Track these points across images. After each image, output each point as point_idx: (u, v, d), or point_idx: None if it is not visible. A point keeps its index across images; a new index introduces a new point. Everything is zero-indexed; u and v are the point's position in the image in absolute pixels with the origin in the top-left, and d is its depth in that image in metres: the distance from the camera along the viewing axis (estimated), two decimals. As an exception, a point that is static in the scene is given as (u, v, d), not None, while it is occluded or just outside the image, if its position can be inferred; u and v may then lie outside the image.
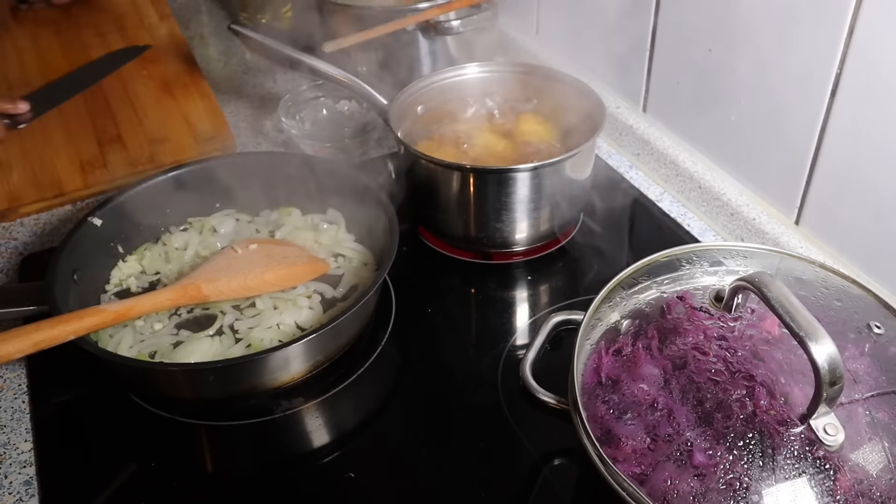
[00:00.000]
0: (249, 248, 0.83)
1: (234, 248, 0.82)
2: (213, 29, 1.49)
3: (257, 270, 0.80)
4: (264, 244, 0.84)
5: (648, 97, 1.04)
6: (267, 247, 0.84)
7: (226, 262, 0.80)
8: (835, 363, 0.49)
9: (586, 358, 0.60)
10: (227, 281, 0.78)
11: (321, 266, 0.84)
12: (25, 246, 0.96)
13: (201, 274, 0.78)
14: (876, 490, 0.50)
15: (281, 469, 0.69)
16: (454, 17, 1.10)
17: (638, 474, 0.52)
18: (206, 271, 0.79)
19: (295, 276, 0.82)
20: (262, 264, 0.81)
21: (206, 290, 0.77)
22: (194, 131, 1.12)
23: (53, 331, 0.66)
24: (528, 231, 0.88)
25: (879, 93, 0.72)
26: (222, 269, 0.79)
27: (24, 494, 0.68)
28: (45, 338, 0.66)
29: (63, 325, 0.67)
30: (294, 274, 0.82)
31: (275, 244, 0.86)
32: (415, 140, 0.91)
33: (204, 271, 0.79)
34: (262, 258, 0.82)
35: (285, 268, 0.81)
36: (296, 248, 0.85)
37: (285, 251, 0.84)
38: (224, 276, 0.78)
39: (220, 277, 0.78)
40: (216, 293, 0.77)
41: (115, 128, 1.12)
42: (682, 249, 0.66)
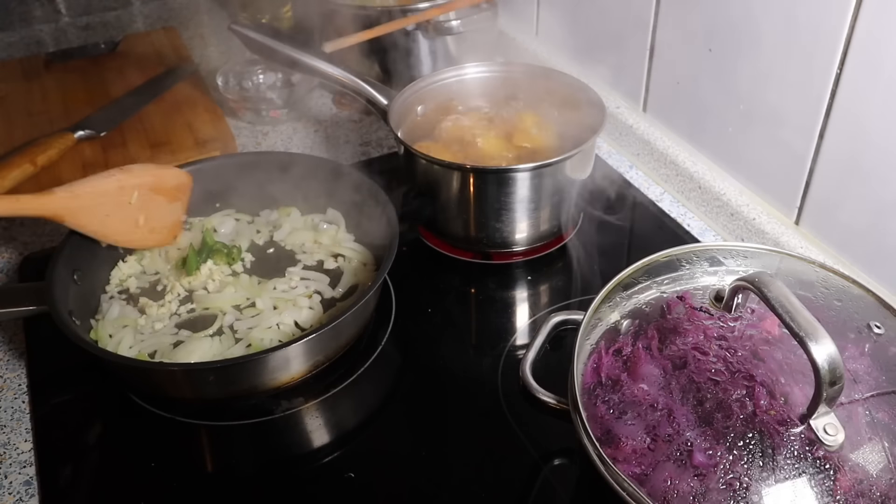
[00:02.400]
0: (129, 202, 0.82)
1: (123, 199, 0.82)
2: (213, 29, 1.49)
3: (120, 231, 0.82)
4: (146, 195, 0.84)
5: (648, 97, 1.04)
6: (147, 197, 0.84)
7: (98, 212, 0.80)
8: (835, 363, 0.49)
9: (586, 358, 0.60)
10: (90, 228, 0.79)
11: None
12: (25, 246, 0.96)
13: (71, 210, 0.77)
14: (876, 490, 0.50)
15: (281, 469, 0.69)
16: (454, 17, 1.10)
17: (638, 474, 0.52)
18: (77, 211, 0.78)
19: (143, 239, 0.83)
20: (128, 223, 0.82)
21: (69, 224, 0.77)
22: (195, 133, 1.12)
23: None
24: (528, 231, 0.88)
25: (879, 93, 0.72)
26: (92, 216, 0.80)
27: (24, 494, 0.68)
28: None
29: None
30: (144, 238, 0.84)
31: (152, 196, 0.85)
32: (415, 140, 0.91)
33: (75, 209, 0.78)
34: (133, 215, 0.83)
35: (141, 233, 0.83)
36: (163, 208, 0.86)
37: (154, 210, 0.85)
38: (91, 222, 0.79)
39: (86, 223, 0.78)
40: (74, 226, 0.78)
41: (117, 129, 1.12)
42: (682, 249, 0.66)
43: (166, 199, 0.85)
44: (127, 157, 1.07)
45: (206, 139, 1.11)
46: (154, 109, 1.17)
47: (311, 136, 1.16)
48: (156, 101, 1.19)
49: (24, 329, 0.83)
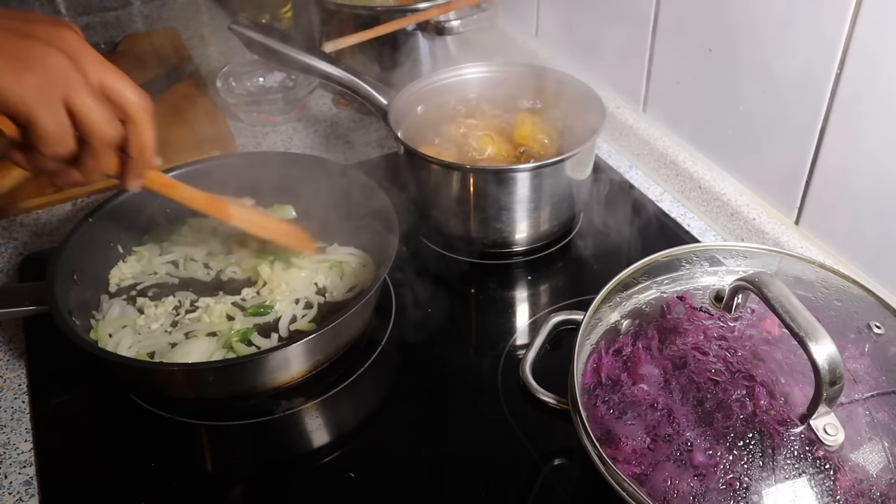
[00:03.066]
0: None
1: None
2: (213, 29, 1.49)
3: (273, 218, 0.86)
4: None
5: (648, 97, 1.04)
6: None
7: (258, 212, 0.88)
8: (835, 363, 0.49)
9: (586, 358, 0.60)
10: (250, 212, 0.84)
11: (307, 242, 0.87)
12: (25, 246, 0.96)
13: (227, 200, 0.81)
14: (876, 490, 0.50)
15: (281, 469, 0.69)
16: (454, 17, 1.10)
17: (638, 474, 0.52)
18: (230, 200, 0.82)
19: (296, 239, 0.85)
20: (279, 225, 0.86)
21: (232, 210, 0.80)
22: (195, 133, 1.12)
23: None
24: (528, 231, 0.88)
25: (879, 93, 0.72)
26: (255, 213, 0.86)
27: (24, 494, 0.68)
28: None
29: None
30: (294, 236, 0.85)
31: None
32: (415, 140, 0.91)
33: (229, 200, 0.82)
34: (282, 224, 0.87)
35: (288, 228, 0.86)
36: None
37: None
38: (256, 218, 0.83)
39: (246, 208, 0.84)
40: (238, 217, 0.81)
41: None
42: (682, 249, 0.66)
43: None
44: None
45: (206, 139, 1.11)
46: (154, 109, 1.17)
47: (311, 136, 1.16)
48: (156, 101, 1.18)
49: (24, 329, 0.83)
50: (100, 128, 0.60)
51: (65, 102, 0.57)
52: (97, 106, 0.59)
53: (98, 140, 0.60)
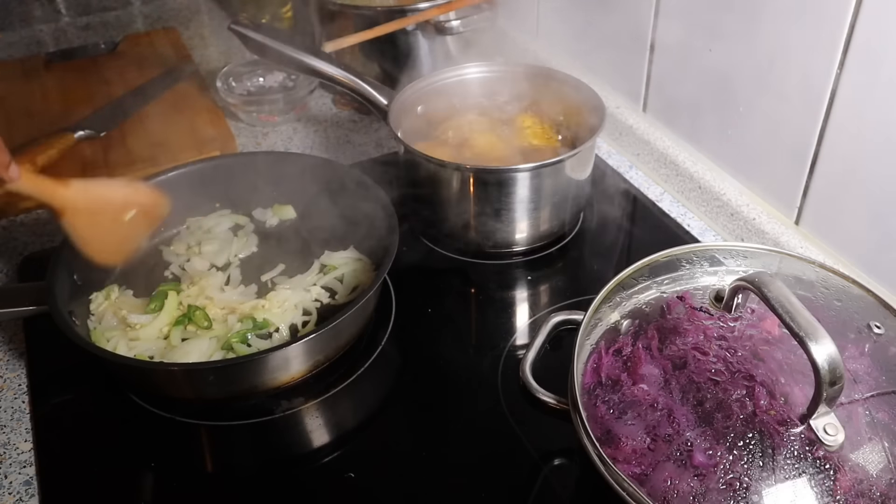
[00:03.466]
0: (124, 219, 0.79)
1: (123, 215, 0.79)
2: (213, 29, 1.49)
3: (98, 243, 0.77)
4: (137, 217, 0.81)
5: (648, 97, 1.04)
6: (136, 219, 0.81)
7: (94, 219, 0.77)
8: (835, 363, 0.49)
9: (586, 358, 0.60)
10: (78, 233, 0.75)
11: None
12: (25, 246, 0.96)
13: (77, 210, 0.74)
14: (876, 490, 0.50)
15: (281, 469, 0.69)
16: (454, 17, 1.10)
17: (638, 474, 0.52)
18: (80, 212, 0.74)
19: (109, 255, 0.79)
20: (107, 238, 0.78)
21: (61, 222, 0.73)
22: (195, 133, 1.12)
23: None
24: (528, 231, 0.88)
25: (879, 93, 0.72)
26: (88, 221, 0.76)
27: (24, 494, 0.68)
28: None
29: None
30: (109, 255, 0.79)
31: (139, 219, 0.81)
32: (415, 140, 0.91)
33: (80, 211, 0.74)
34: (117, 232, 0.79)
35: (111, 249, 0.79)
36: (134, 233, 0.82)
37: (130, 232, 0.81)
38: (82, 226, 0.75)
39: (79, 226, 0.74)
40: (63, 227, 0.74)
41: (117, 129, 1.12)
42: (682, 249, 0.66)
43: (147, 222, 0.82)
44: (127, 156, 1.07)
45: (206, 139, 1.11)
46: (154, 109, 1.17)
47: (311, 136, 1.16)
48: (156, 101, 1.19)
49: (24, 329, 0.83)
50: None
51: None
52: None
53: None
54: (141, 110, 1.17)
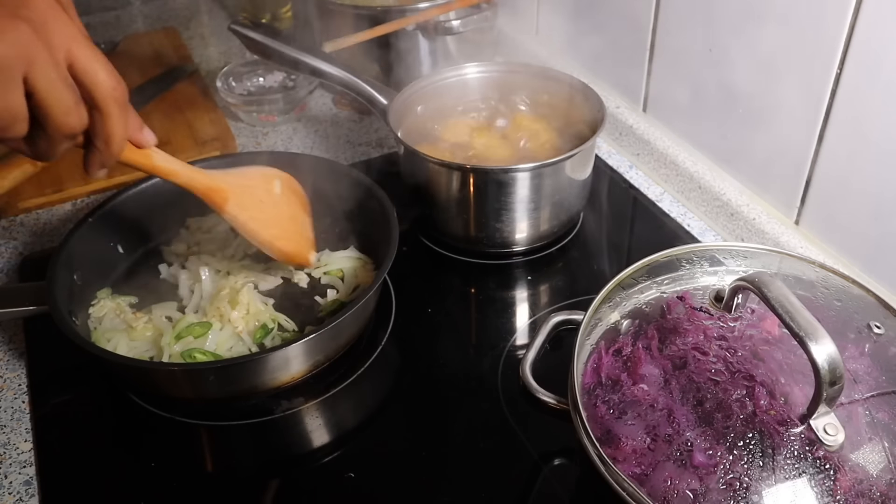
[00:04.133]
0: (275, 192, 0.78)
1: (269, 187, 0.77)
2: (213, 29, 1.49)
3: (277, 224, 0.76)
4: (287, 193, 0.80)
5: (648, 97, 1.04)
6: (287, 197, 0.80)
7: (256, 196, 0.75)
8: (835, 363, 0.49)
9: (586, 358, 0.60)
10: (251, 214, 0.73)
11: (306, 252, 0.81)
12: (25, 246, 0.96)
13: (234, 188, 0.72)
14: (876, 490, 0.50)
15: (281, 469, 0.69)
16: (454, 17, 1.10)
17: (638, 474, 0.52)
18: (238, 190, 0.73)
19: (292, 252, 0.78)
20: (279, 217, 0.77)
21: (229, 209, 0.72)
22: (195, 133, 1.12)
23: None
24: (528, 231, 0.88)
25: (879, 93, 0.72)
26: (252, 198, 0.75)
27: (24, 494, 0.68)
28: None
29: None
30: (293, 248, 0.78)
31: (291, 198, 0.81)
32: (415, 140, 0.91)
33: (237, 188, 0.73)
34: (283, 209, 0.78)
35: (290, 236, 0.78)
36: (302, 216, 0.82)
37: (296, 213, 0.81)
38: (251, 205, 0.74)
39: (249, 207, 0.73)
40: (232, 217, 0.73)
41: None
42: (682, 249, 0.66)
43: (300, 203, 0.81)
44: (127, 157, 1.07)
45: (206, 139, 1.11)
46: (154, 109, 1.17)
47: (311, 136, 1.16)
48: (156, 101, 1.19)
49: (24, 329, 0.83)
50: (57, 116, 0.52)
51: (24, 80, 0.50)
52: (59, 90, 0.51)
53: (54, 128, 0.53)
54: (141, 110, 1.16)
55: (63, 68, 0.52)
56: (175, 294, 0.84)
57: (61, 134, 0.53)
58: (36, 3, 0.51)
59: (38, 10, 0.50)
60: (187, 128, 1.13)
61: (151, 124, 1.12)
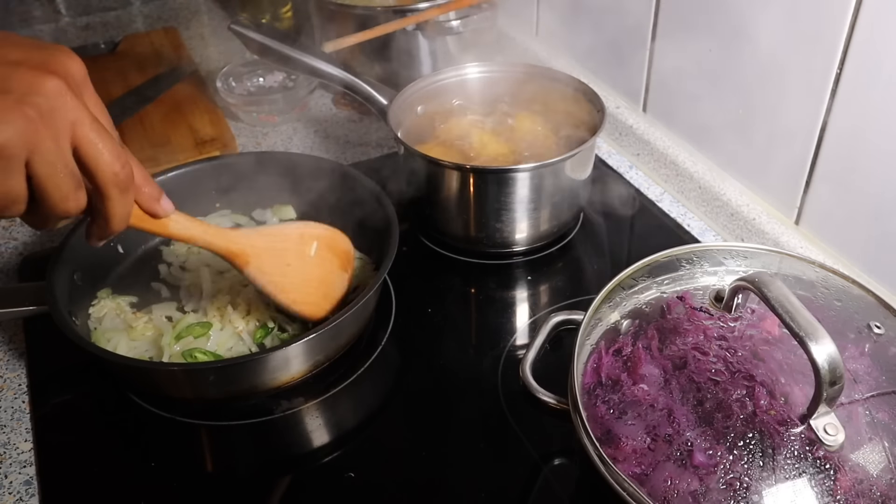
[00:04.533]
0: (308, 255, 0.76)
1: (304, 249, 0.76)
2: (213, 29, 1.49)
3: (298, 289, 0.75)
4: (324, 254, 0.78)
5: (648, 97, 1.04)
6: (323, 258, 0.78)
7: (283, 259, 0.74)
8: (835, 363, 0.49)
9: (586, 358, 0.60)
10: (270, 279, 0.72)
11: (325, 309, 0.78)
12: (25, 246, 0.96)
13: (259, 251, 0.71)
14: (876, 490, 0.50)
15: (281, 469, 0.69)
16: (454, 17, 1.10)
17: (638, 474, 0.52)
18: (264, 253, 0.72)
19: (310, 308, 0.77)
20: (304, 281, 0.76)
21: (249, 272, 0.71)
22: (195, 133, 1.12)
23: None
24: (528, 231, 0.88)
25: (879, 93, 0.72)
26: (277, 262, 0.73)
27: (24, 494, 0.68)
28: None
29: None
30: (311, 304, 0.77)
31: (328, 258, 0.79)
32: (415, 140, 0.91)
33: (263, 251, 0.72)
34: (313, 272, 0.76)
35: (315, 298, 0.77)
36: (334, 277, 0.80)
37: (327, 275, 0.79)
38: (273, 270, 0.73)
39: (270, 272, 0.72)
40: (251, 279, 0.72)
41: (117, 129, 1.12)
42: (682, 249, 0.66)
43: (338, 263, 0.79)
44: (127, 157, 1.07)
45: (206, 139, 1.11)
46: (154, 109, 1.17)
47: (311, 136, 1.16)
48: (156, 101, 1.19)
49: (24, 329, 0.83)
50: (55, 202, 0.52)
51: (27, 164, 0.50)
52: (58, 177, 0.51)
53: (50, 210, 0.53)
54: (141, 110, 1.17)
55: (66, 154, 0.51)
56: (175, 294, 0.84)
57: (56, 216, 0.54)
58: (46, 90, 0.50)
59: (47, 97, 0.50)
60: (187, 128, 1.13)
61: (151, 124, 1.14)
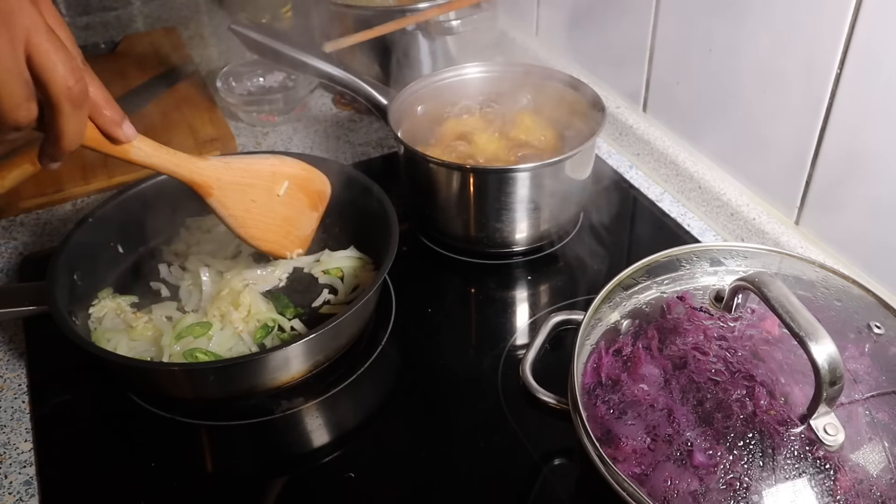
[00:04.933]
0: (277, 193, 0.74)
1: (273, 187, 0.74)
2: (213, 29, 1.49)
3: (259, 225, 0.73)
4: (294, 194, 0.76)
5: (648, 97, 1.04)
6: (292, 198, 0.77)
7: (248, 195, 0.72)
8: (835, 363, 0.49)
9: (586, 358, 0.60)
10: (231, 213, 0.71)
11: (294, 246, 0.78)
12: (25, 246, 0.96)
13: (223, 184, 0.69)
14: (876, 490, 0.50)
15: (281, 469, 0.69)
16: (454, 17, 1.10)
17: (638, 474, 0.52)
18: (228, 187, 0.70)
19: (280, 243, 0.75)
20: (267, 219, 0.74)
21: (211, 202, 0.69)
22: (195, 133, 1.12)
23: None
24: (528, 231, 0.88)
25: (879, 93, 0.72)
26: (240, 198, 0.72)
27: (24, 494, 0.68)
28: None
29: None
30: (280, 238, 0.75)
31: (298, 197, 0.78)
32: (415, 140, 0.91)
33: (227, 185, 0.70)
34: (277, 210, 0.75)
35: (276, 236, 0.75)
36: (301, 217, 0.79)
37: (294, 213, 0.78)
38: (236, 205, 0.71)
39: (231, 206, 0.71)
40: (213, 209, 0.70)
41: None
42: (682, 249, 0.66)
43: (308, 203, 0.78)
44: (127, 157, 1.07)
45: (206, 139, 1.11)
46: (154, 109, 1.17)
47: (311, 136, 1.16)
48: (156, 101, 1.19)
49: (24, 329, 0.83)
50: (4, 109, 0.51)
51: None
52: (10, 83, 0.49)
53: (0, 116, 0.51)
54: (141, 110, 1.17)
55: (20, 60, 0.50)
56: (175, 294, 0.84)
57: (6, 125, 0.52)
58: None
59: (6, 1, 0.49)
60: (187, 128, 1.13)
61: (151, 124, 1.14)
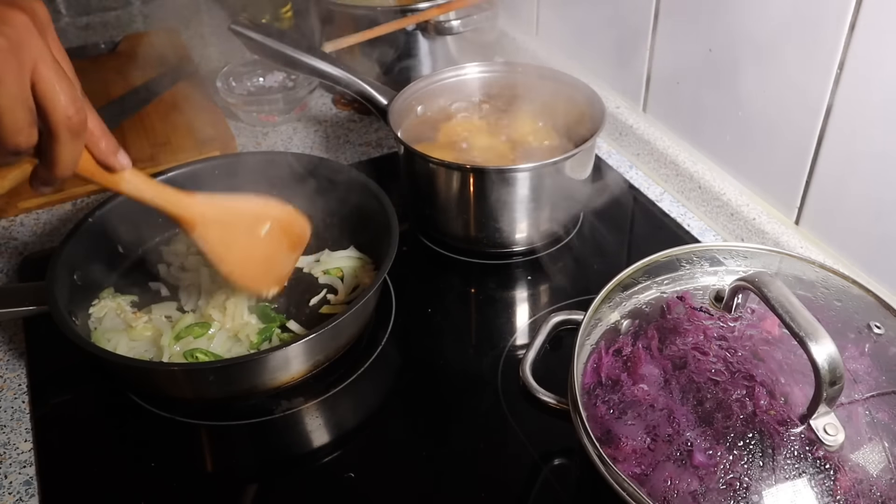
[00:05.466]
0: (258, 234, 0.76)
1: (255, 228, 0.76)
2: (213, 29, 1.49)
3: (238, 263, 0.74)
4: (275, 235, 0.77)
5: (648, 97, 1.04)
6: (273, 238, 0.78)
7: (230, 234, 0.74)
8: (835, 363, 0.49)
9: (586, 358, 0.60)
10: (211, 248, 0.72)
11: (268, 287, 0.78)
12: (25, 246, 0.96)
13: (207, 221, 0.71)
14: (876, 490, 0.50)
15: (281, 469, 0.69)
16: (454, 17, 1.10)
17: (638, 474, 0.52)
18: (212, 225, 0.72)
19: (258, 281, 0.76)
20: (247, 257, 0.75)
21: (194, 237, 0.71)
22: (195, 133, 1.12)
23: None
24: (528, 231, 0.88)
25: (879, 93, 0.72)
26: (222, 236, 0.73)
27: (24, 494, 0.68)
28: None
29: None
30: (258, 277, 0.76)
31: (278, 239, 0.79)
32: (415, 140, 0.91)
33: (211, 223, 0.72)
34: (258, 250, 0.76)
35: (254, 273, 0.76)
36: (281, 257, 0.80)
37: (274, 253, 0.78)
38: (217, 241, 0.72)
39: (212, 242, 0.72)
40: (195, 242, 0.72)
41: (117, 129, 1.12)
42: (682, 249, 0.66)
43: (288, 244, 0.79)
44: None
45: (206, 139, 1.11)
46: (154, 109, 1.17)
47: (311, 136, 1.16)
48: (156, 101, 1.19)
49: (24, 329, 0.83)
50: (7, 134, 0.52)
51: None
52: (15, 110, 0.51)
53: (1, 140, 0.53)
54: (141, 110, 1.17)
55: (26, 88, 0.52)
56: (175, 294, 0.84)
57: (7, 149, 0.54)
58: (14, 22, 0.51)
59: (15, 29, 0.51)
60: (187, 128, 1.13)
61: (151, 124, 1.14)
